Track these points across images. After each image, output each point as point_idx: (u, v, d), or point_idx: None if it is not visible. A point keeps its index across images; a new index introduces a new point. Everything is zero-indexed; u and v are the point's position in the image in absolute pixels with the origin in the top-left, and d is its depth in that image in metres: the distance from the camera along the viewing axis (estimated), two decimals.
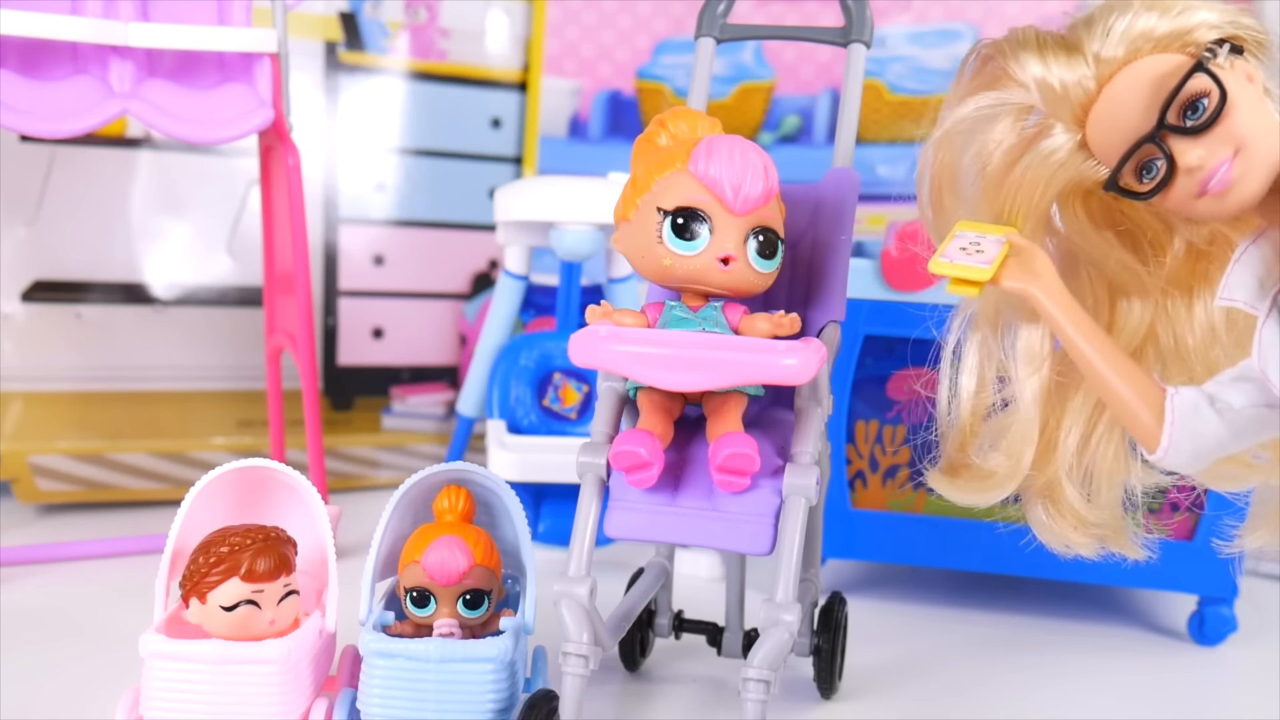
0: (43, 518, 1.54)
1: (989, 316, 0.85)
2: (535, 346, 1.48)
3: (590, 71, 1.88)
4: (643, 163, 0.84)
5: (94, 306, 1.61)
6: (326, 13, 1.75)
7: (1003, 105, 0.79)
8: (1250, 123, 0.70)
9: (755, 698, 0.81)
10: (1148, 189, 0.72)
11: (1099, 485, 0.85)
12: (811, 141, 1.81)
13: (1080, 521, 0.85)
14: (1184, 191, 0.71)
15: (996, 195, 0.80)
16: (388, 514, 0.92)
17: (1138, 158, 0.72)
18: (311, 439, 1.39)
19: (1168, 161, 0.71)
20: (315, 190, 1.73)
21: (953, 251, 0.77)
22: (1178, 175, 0.71)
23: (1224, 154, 0.70)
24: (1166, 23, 0.74)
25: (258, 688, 0.83)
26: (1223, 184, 0.70)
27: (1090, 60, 0.75)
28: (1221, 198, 0.70)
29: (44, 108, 1.23)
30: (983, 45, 0.82)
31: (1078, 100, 0.76)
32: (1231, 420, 0.73)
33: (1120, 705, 1.07)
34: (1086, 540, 0.86)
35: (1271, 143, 0.70)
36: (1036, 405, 0.83)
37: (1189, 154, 0.70)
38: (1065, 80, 0.75)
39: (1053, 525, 0.86)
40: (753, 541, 0.84)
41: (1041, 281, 0.76)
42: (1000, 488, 0.86)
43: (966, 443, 0.87)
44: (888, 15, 1.76)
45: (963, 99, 0.81)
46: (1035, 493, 0.87)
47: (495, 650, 0.84)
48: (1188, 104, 0.70)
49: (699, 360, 0.80)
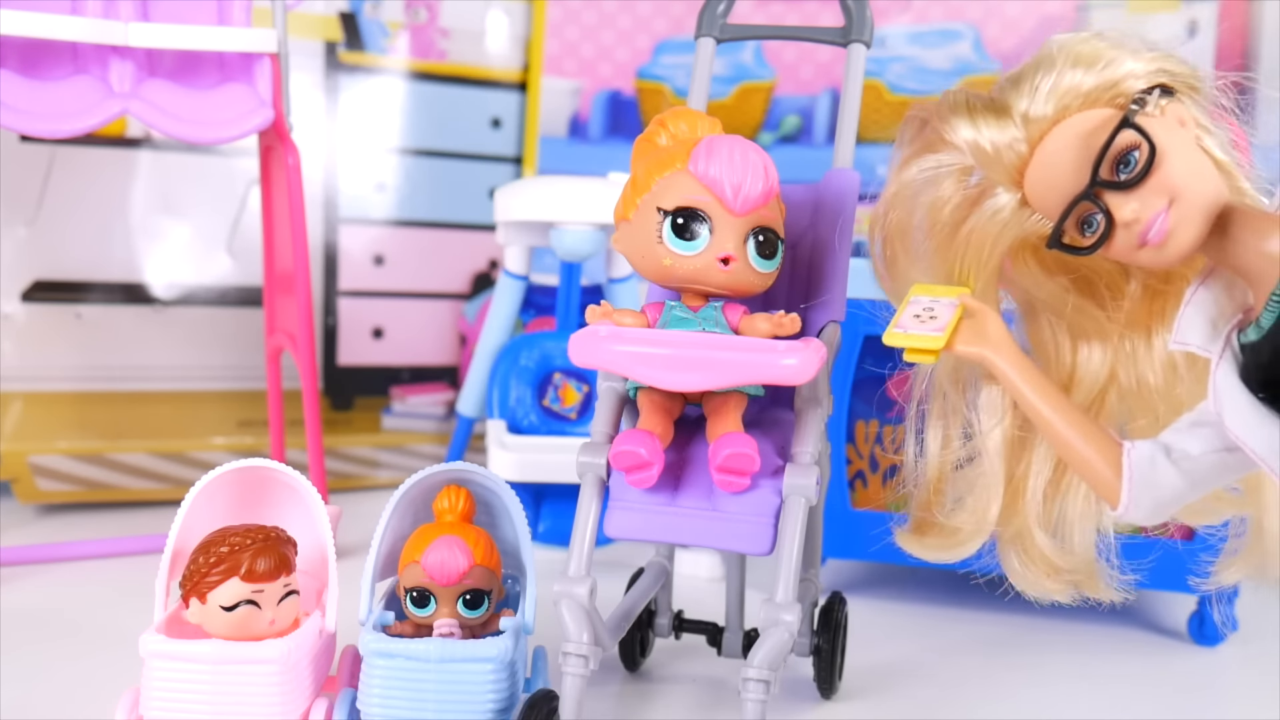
0: (43, 518, 1.54)
1: (949, 375, 0.86)
2: (535, 346, 1.48)
3: (590, 71, 1.88)
4: (643, 163, 0.84)
5: (94, 306, 1.61)
6: (326, 13, 1.75)
7: (943, 167, 0.80)
8: (1182, 171, 0.70)
9: (755, 698, 0.81)
10: (1090, 244, 0.73)
11: (1070, 530, 0.86)
12: (811, 141, 1.81)
13: (1053, 568, 0.86)
14: (1125, 244, 0.72)
15: (947, 253, 0.81)
16: (388, 514, 0.92)
17: (1076, 214, 0.73)
18: (311, 439, 1.39)
19: (1105, 216, 0.71)
20: (315, 190, 1.73)
21: (907, 320, 0.78)
22: (1116, 229, 0.71)
23: (1159, 205, 0.70)
24: (1092, 77, 0.75)
25: (258, 688, 0.83)
26: (1160, 234, 0.70)
27: (1019, 121, 0.76)
28: (1161, 248, 0.71)
29: (44, 108, 1.23)
30: (917, 108, 0.83)
31: (1011, 162, 0.76)
32: (1189, 470, 0.73)
33: (1120, 705, 1.07)
34: (1060, 586, 0.87)
35: (1204, 187, 0.70)
36: (1000, 457, 0.84)
37: (1124, 208, 0.70)
38: (997, 142, 0.76)
39: (1026, 573, 0.87)
40: (753, 541, 0.84)
41: (993, 344, 0.77)
42: (967, 545, 0.87)
43: (933, 500, 0.88)
44: (888, 15, 1.76)
45: (905, 163, 0.83)
46: (1007, 541, 0.87)
47: (495, 650, 0.84)
48: (1119, 159, 0.71)
49: (699, 360, 0.80)
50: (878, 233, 0.86)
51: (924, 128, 0.82)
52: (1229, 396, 0.69)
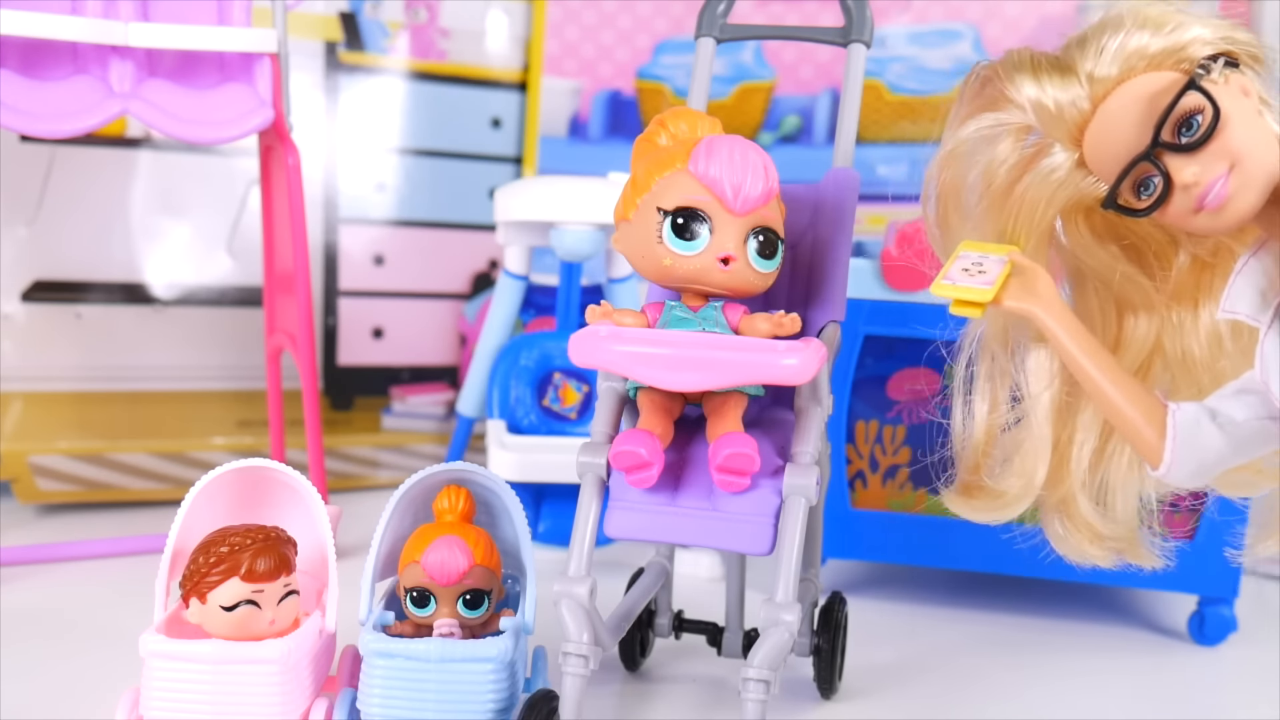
0: (43, 518, 1.54)
1: (999, 336, 0.85)
2: (535, 346, 1.48)
3: (590, 71, 1.88)
4: (643, 163, 0.84)
5: (94, 306, 1.61)
6: (326, 13, 1.75)
7: (1002, 126, 0.80)
8: (1244, 138, 0.70)
9: (755, 698, 0.81)
10: (1145, 206, 0.72)
11: (1113, 497, 0.86)
12: (811, 141, 1.81)
13: (1096, 535, 0.86)
14: (1181, 207, 0.72)
15: (1000, 213, 0.81)
16: (388, 514, 0.92)
17: (1134, 175, 0.73)
18: (311, 439, 1.39)
19: (1164, 179, 0.71)
20: (315, 190, 1.73)
21: (955, 273, 0.78)
22: (1174, 192, 0.71)
23: (1219, 170, 0.70)
24: (1159, 40, 0.74)
25: (258, 688, 0.83)
26: (1219, 199, 0.70)
27: (1084, 80, 0.75)
28: (1218, 213, 0.70)
29: (44, 108, 1.23)
30: (981, 67, 0.82)
31: (1073, 120, 0.76)
32: (1233, 434, 0.73)
33: (1120, 705, 1.07)
34: (1103, 552, 0.87)
35: (1266, 156, 0.70)
36: (1048, 422, 0.84)
37: (1184, 171, 0.70)
38: (1060, 100, 0.76)
39: (1069, 539, 0.87)
40: (753, 541, 0.84)
41: (1043, 301, 0.76)
42: (1014, 506, 0.87)
43: (981, 463, 0.88)
44: (888, 15, 1.76)
45: (964, 121, 0.82)
46: (1051, 508, 0.87)
47: (495, 650, 0.84)
48: (1182, 121, 0.71)
49: (699, 360, 0.80)
50: (931, 190, 0.86)
51: (985, 85, 0.81)
52: (1276, 366, 0.69)
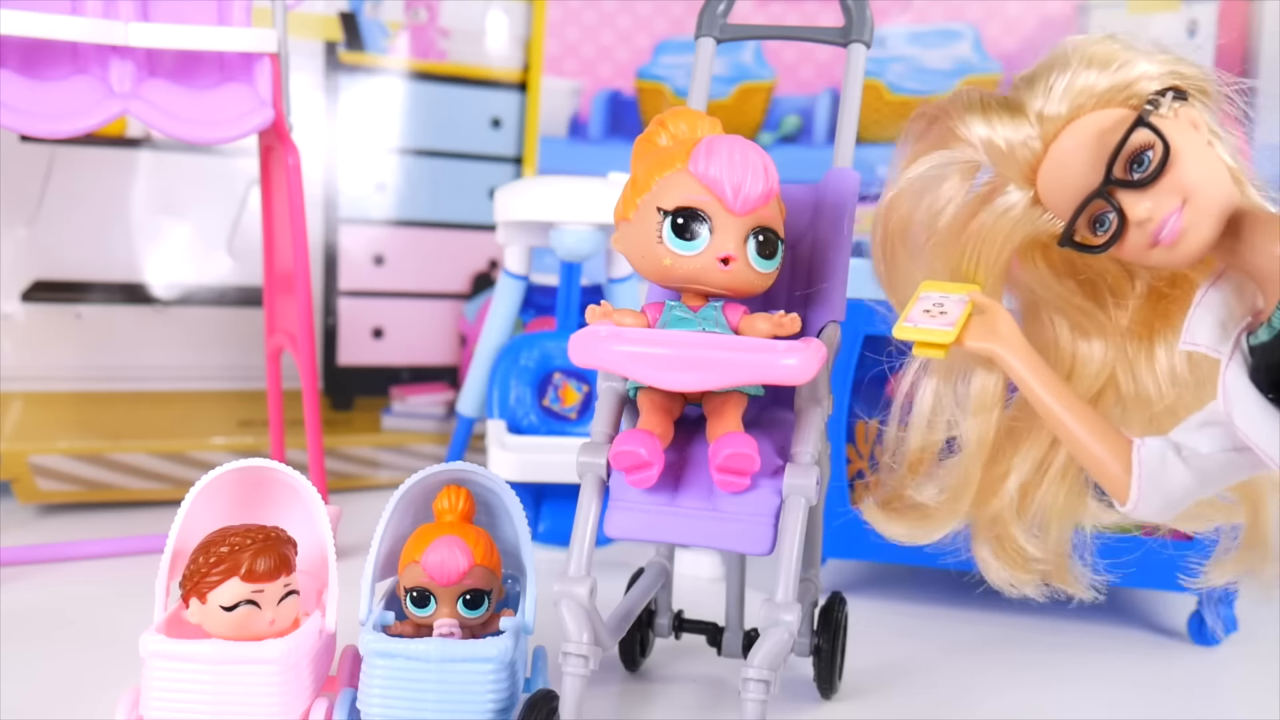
0: (43, 518, 1.54)
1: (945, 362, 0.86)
2: (535, 346, 1.48)
3: (590, 71, 1.88)
4: (643, 163, 0.84)
5: (94, 306, 1.61)
6: (326, 13, 1.75)
7: (952, 164, 0.80)
8: (1195, 171, 0.70)
9: (755, 698, 0.81)
10: (1101, 242, 0.73)
11: (1047, 524, 0.86)
12: (811, 141, 1.81)
13: (1025, 561, 0.86)
14: (1137, 243, 0.72)
15: (952, 250, 0.82)
16: (388, 514, 0.92)
17: (1089, 212, 0.73)
18: (311, 439, 1.39)
19: (1118, 215, 0.71)
20: (315, 190, 1.73)
21: (917, 315, 0.78)
22: (1129, 228, 0.72)
23: (1172, 204, 0.70)
24: (1106, 78, 0.75)
25: (258, 688, 0.83)
26: (1173, 234, 0.70)
27: (1034, 119, 0.76)
28: (1173, 247, 0.71)
29: (44, 108, 1.23)
30: (927, 106, 0.83)
31: (1025, 160, 0.77)
32: (1199, 467, 0.73)
33: (1120, 705, 1.07)
34: (1030, 577, 0.87)
35: (1218, 188, 0.71)
36: (981, 450, 0.84)
37: (1137, 207, 0.71)
38: (1011, 140, 0.76)
39: (996, 565, 0.87)
40: (753, 541, 0.84)
41: (1004, 340, 0.77)
42: (935, 529, 0.87)
43: (907, 479, 0.89)
44: (888, 15, 1.76)
45: (913, 160, 0.83)
46: (981, 531, 0.87)
47: (495, 650, 0.84)
48: (1133, 158, 0.71)
49: (699, 360, 0.80)
50: (879, 230, 0.86)
51: (932, 124, 0.82)
52: (1239, 397, 0.69)
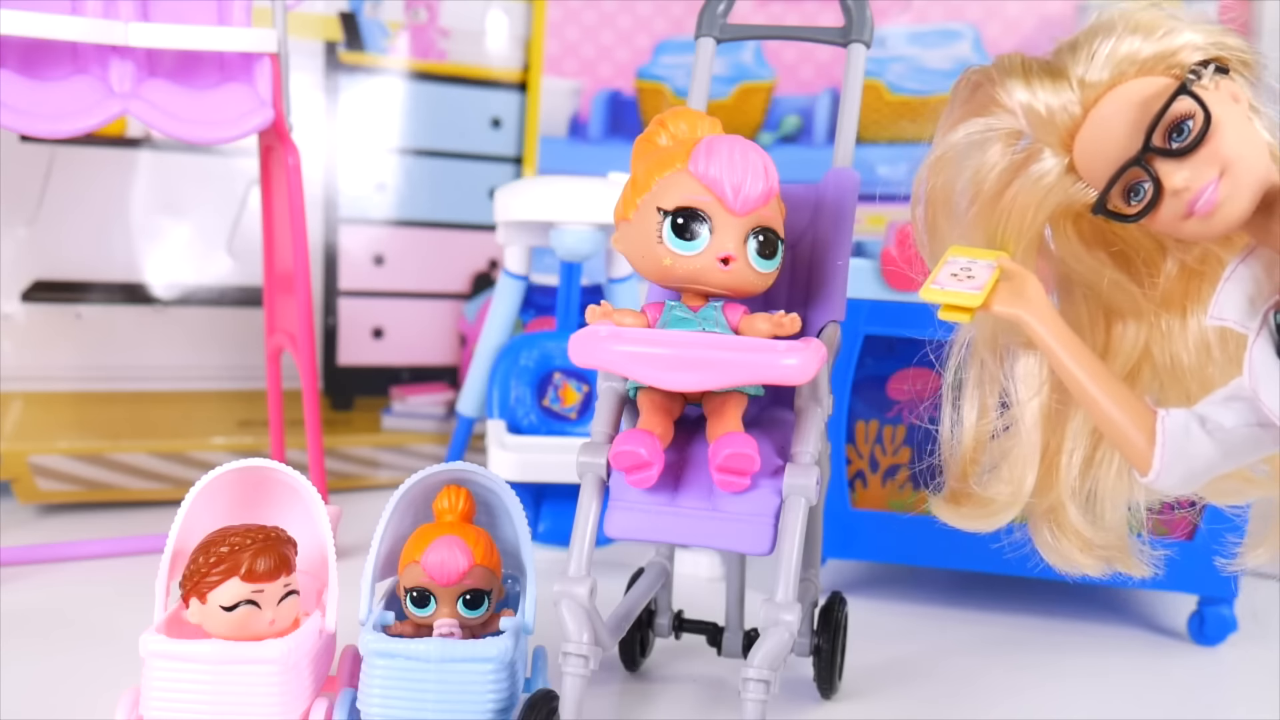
0: (43, 518, 1.54)
1: (988, 343, 0.85)
2: (535, 346, 1.48)
3: (590, 71, 1.88)
4: (643, 163, 0.84)
5: (94, 306, 1.61)
6: (326, 13, 1.75)
7: (992, 131, 0.79)
8: (1235, 143, 0.70)
9: (755, 698, 0.81)
10: (1135, 211, 0.72)
11: (1103, 506, 0.85)
12: (811, 141, 1.81)
13: (1085, 543, 0.86)
14: (1171, 213, 0.71)
15: (989, 218, 0.81)
16: (388, 514, 0.92)
17: (1124, 180, 0.72)
18: (311, 439, 1.39)
19: (1154, 184, 0.71)
20: (315, 190, 1.73)
21: (944, 278, 0.77)
22: (1164, 197, 0.71)
23: (1210, 175, 0.70)
24: (1151, 45, 0.74)
25: (258, 688, 0.83)
26: (1209, 205, 0.70)
27: (1075, 85, 0.75)
28: (1208, 218, 0.70)
29: (44, 108, 1.23)
30: (971, 71, 0.82)
31: (1064, 125, 0.76)
32: (1223, 440, 0.73)
33: (1120, 705, 1.07)
34: (1092, 561, 0.87)
35: (1256, 162, 0.70)
36: (1037, 429, 0.83)
37: (1175, 176, 0.70)
38: (1051, 105, 0.76)
39: (1058, 547, 0.87)
40: (753, 541, 0.84)
41: (1031, 306, 0.76)
42: (1003, 513, 0.86)
43: (969, 470, 0.88)
44: (888, 15, 1.76)
45: (954, 125, 0.82)
46: (1040, 516, 0.87)
47: (495, 650, 0.84)
48: (1173, 126, 0.71)
49: (699, 360, 0.80)
50: (921, 194, 0.85)
51: (976, 90, 0.81)
52: (1264, 373, 0.69)
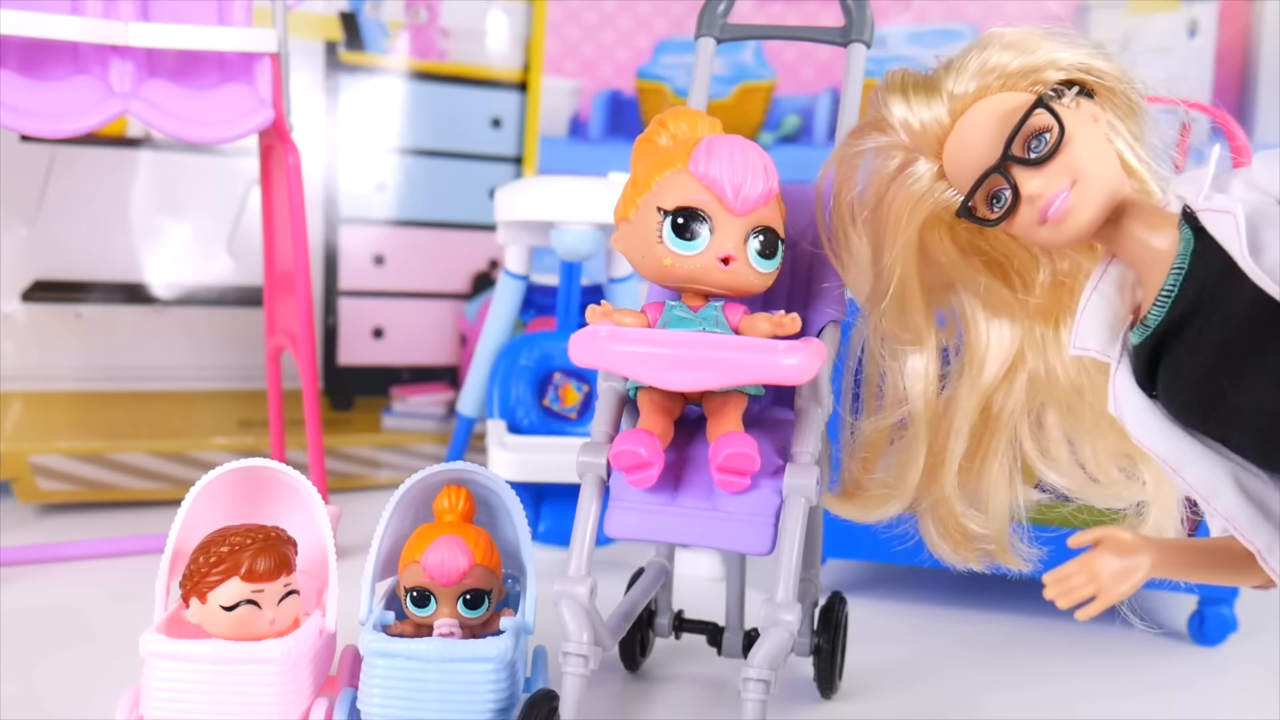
0: (43, 518, 1.54)
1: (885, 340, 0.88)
2: (535, 346, 1.48)
3: (590, 71, 1.88)
4: (643, 162, 0.84)
5: (94, 306, 1.61)
6: (326, 13, 1.75)
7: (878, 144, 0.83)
8: (1087, 157, 0.74)
9: (755, 698, 0.81)
10: (996, 217, 0.76)
11: (985, 503, 0.88)
12: (811, 141, 1.81)
13: (967, 537, 0.89)
14: (1027, 219, 0.75)
15: (872, 225, 0.84)
16: (388, 514, 0.92)
17: (986, 187, 0.76)
18: (311, 439, 1.39)
19: (1013, 190, 0.75)
20: (315, 190, 1.73)
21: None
22: (1021, 203, 0.75)
23: (1061, 184, 0.73)
24: (1017, 61, 0.78)
25: (258, 688, 0.83)
26: (1059, 212, 0.73)
27: (945, 97, 0.79)
28: (1059, 225, 0.74)
29: (44, 108, 1.23)
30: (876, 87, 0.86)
31: (934, 134, 0.80)
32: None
33: (1120, 705, 1.07)
34: (974, 555, 0.90)
35: (1107, 175, 0.74)
36: (924, 423, 0.86)
37: (1030, 183, 0.74)
38: (924, 118, 0.80)
39: (942, 543, 0.90)
40: (753, 541, 0.84)
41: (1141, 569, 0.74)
42: (885, 507, 0.90)
43: (865, 466, 0.91)
44: (888, 15, 1.76)
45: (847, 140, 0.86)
46: (926, 511, 0.90)
47: (495, 650, 0.84)
48: (1031, 137, 0.74)
49: (699, 360, 0.80)
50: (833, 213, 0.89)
51: (872, 105, 0.85)
52: (1127, 401, 0.72)
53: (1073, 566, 0.74)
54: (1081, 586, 0.74)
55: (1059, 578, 0.75)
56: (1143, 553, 0.73)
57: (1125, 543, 0.74)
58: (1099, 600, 0.74)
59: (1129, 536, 0.74)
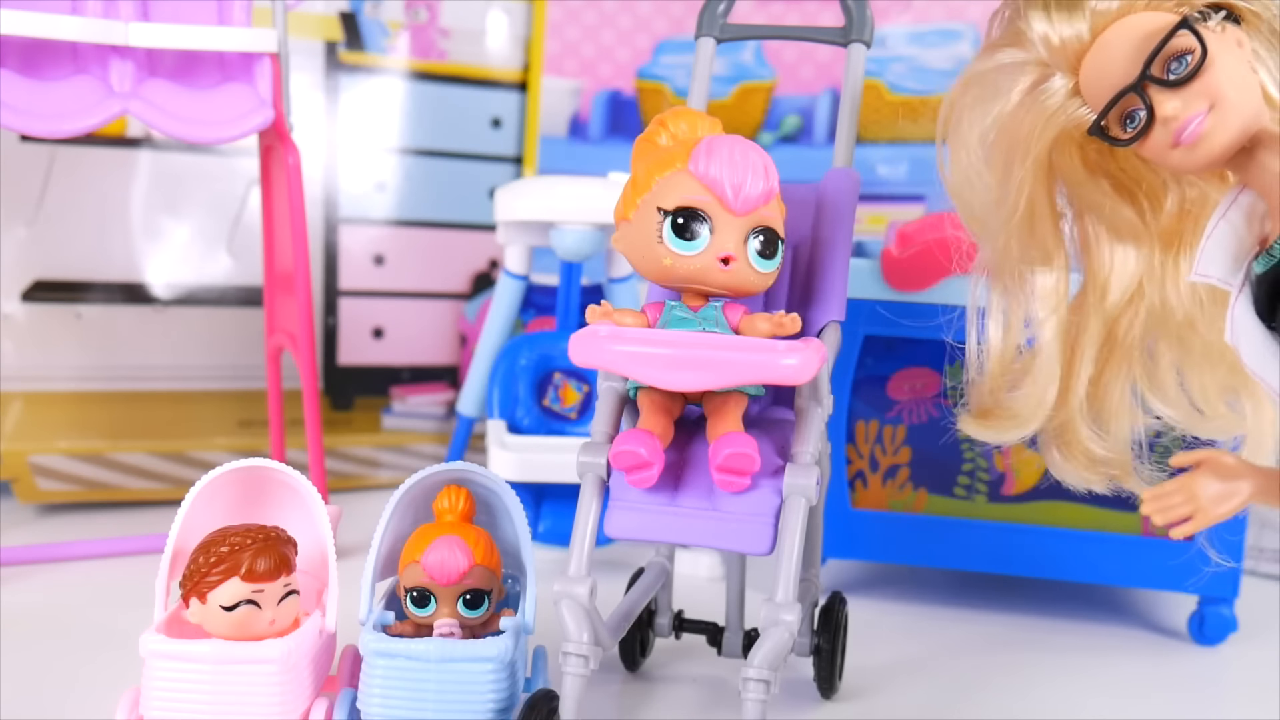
0: (43, 518, 1.54)
1: (1010, 264, 0.88)
2: (535, 346, 1.48)
3: (590, 71, 1.88)
4: (643, 163, 0.84)
5: (94, 306, 1.61)
6: (326, 13, 1.75)
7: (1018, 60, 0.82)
8: (1227, 81, 0.73)
9: (755, 698, 0.81)
10: (1128, 137, 0.76)
11: (1109, 425, 0.89)
12: (811, 141, 1.81)
13: (1091, 460, 0.89)
14: (1160, 141, 0.74)
15: (1003, 139, 0.84)
16: (388, 514, 0.92)
17: (1121, 105, 0.76)
18: (311, 439, 1.39)
19: (1148, 111, 0.74)
20: (315, 190, 1.73)
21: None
22: (1155, 124, 0.74)
23: (1199, 107, 0.73)
24: None
25: (258, 688, 0.83)
26: (1194, 135, 0.73)
27: (1088, 13, 0.79)
28: (1192, 148, 0.73)
29: (44, 108, 1.23)
30: (1005, 4, 0.85)
31: (1073, 50, 0.79)
32: None
33: (1120, 705, 1.07)
34: (1098, 477, 0.90)
35: (1245, 101, 0.73)
36: (1056, 344, 0.87)
37: (1166, 105, 0.73)
38: (1064, 35, 0.79)
39: (1067, 465, 0.90)
40: (753, 541, 0.84)
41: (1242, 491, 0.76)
42: (1026, 425, 0.89)
43: (996, 386, 0.91)
44: (888, 15, 1.76)
45: (985, 53, 0.85)
46: (1050, 434, 0.90)
47: (495, 650, 0.84)
48: (1171, 58, 0.74)
49: (699, 360, 0.80)
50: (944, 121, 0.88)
51: (1008, 22, 0.84)
52: (1244, 330, 0.72)
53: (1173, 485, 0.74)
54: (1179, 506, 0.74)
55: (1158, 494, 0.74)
56: (1244, 478, 0.74)
57: (1228, 466, 0.74)
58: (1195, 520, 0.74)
59: (1232, 460, 0.74)
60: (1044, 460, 0.92)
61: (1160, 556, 1.21)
